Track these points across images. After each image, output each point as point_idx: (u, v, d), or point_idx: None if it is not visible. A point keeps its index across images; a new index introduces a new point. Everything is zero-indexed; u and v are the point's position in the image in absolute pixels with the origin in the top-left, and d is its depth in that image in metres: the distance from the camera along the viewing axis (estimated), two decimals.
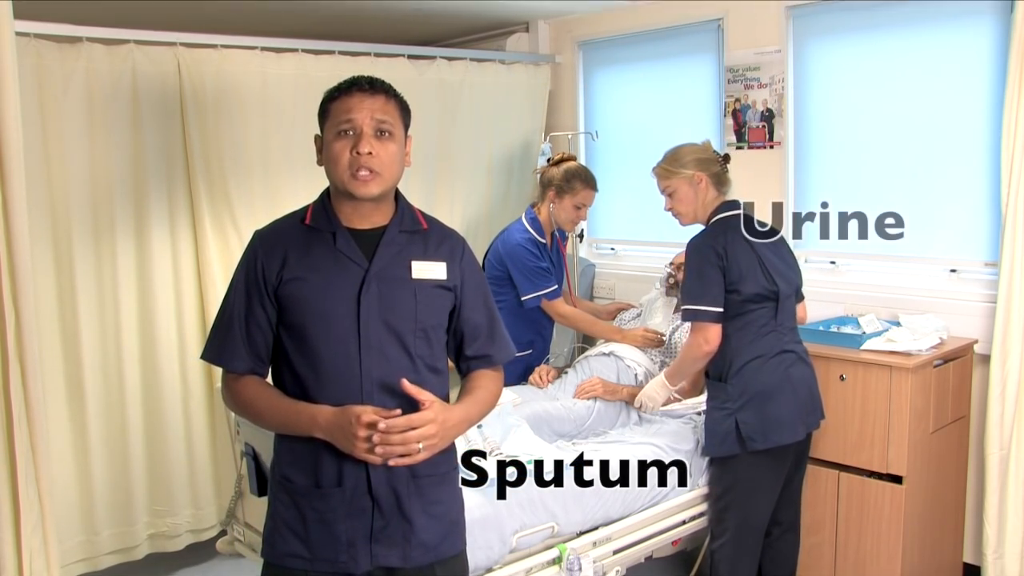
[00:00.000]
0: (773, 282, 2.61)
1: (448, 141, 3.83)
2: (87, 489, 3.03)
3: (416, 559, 1.74)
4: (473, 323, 1.85)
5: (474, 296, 1.85)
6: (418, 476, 1.74)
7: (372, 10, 3.78)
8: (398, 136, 1.75)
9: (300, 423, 1.68)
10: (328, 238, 1.74)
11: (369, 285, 1.71)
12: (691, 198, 2.70)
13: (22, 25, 2.54)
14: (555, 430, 2.95)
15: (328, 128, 1.74)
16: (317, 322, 1.70)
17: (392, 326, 1.72)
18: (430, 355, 1.77)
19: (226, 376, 1.78)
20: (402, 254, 1.77)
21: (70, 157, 2.90)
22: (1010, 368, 2.79)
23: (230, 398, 1.78)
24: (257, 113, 3.24)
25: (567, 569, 2.43)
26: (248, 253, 1.78)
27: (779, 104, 3.43)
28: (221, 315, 1.78)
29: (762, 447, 2.57)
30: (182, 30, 3.06)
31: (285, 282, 1.72)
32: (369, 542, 1.71)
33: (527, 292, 3.28)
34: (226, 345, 1.75)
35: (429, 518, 1.76)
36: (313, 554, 1.72)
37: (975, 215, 3.02)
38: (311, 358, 1.71)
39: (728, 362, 2.62)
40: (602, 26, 4.06)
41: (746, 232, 2.64)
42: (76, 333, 2.97)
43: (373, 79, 1.76)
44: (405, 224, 1.80)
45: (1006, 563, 2.83)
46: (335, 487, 1.70)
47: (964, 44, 2.99)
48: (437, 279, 1.78)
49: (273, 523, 1.77)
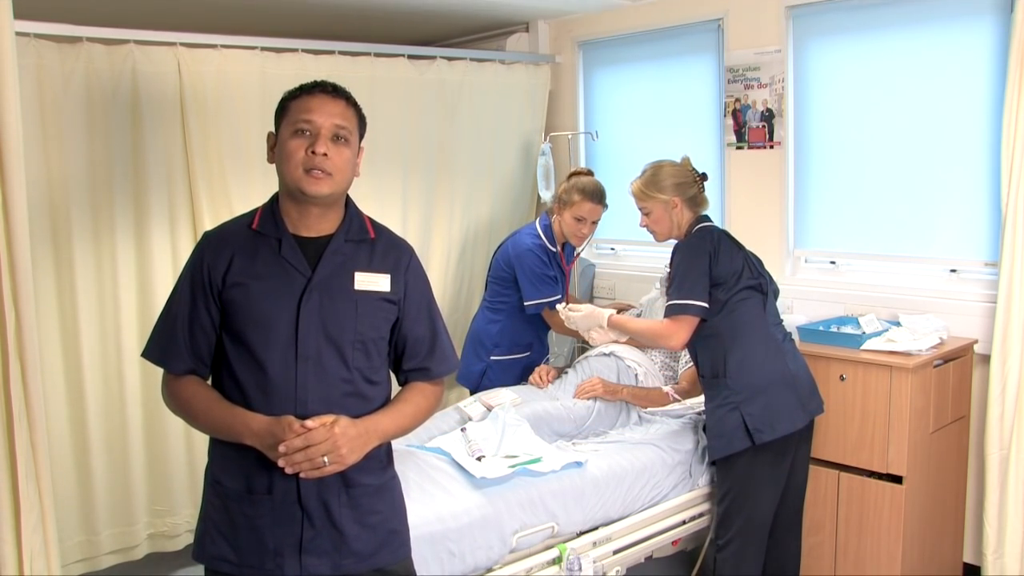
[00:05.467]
0: (760, 275, 2.68)
1: (448, 141, 3.83)
2: (87, 489, 3.03)
3: (347, 568, 1.74)
4: (414, 336, 1.83)
5: (417, 309, 1.84)
6: (352, 487, 1.74)
7: (372, 10, 3.78)
8: (353, 144, 1.76)
9: (233, 429, 1.68)
10: (274, 244, 1.74)
11: (310, 294, 1.71)
12: (666, 220, 2.75)
13: (22, 25, 2.54)
14: (555, 430, 2.95)
15: (285, 126, 1.74)
16: (256, 329, 1.70)
17: (331, 337, 1.72)
18: (368, 367, 1.77)
19: (166, 376, 1.78)
20: (347, 264, 1.76)
21: (70, 157, 2.90)
22: (1010, 368, 2.79)
23: (168, 397, 1.77)
24: (257, 113, 3.24)
25: (567, 569, 2.43)
26: (195, 254, 1.78)
27: (779, 104, 3.43)
28: (165, 315, 1.78)
29: (770, 438, 2.56)
30: (182, 30, 3.06)
31: (229, 286, 1.72)
32: (298, 551, 1.71)
33: (531, 298, 3.28)
34: (169, 346, 1.75)
35: (363, 528, 1.76)
36: (241, 559, 1.72)
37: (975, 215, 3.02)
38: (250, 364, 1.71)
39: (724, 358, 2.62)
40: (602, 26, 4.06)
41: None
42: (76, 333, 2.97)
43: (336, 85, 1.77)
44: (352, 233, 1.79)
45: (1006, 563, 2.83)
46: (265, 494, 1.71)
47: (964, 44, 2.99)
48: (380, 291, 1.77)
49: (204, 525, 1.77)
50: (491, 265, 3.47)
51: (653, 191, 2.73)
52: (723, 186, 3.66)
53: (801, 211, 3.49)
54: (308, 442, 1.62)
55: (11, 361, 2.24)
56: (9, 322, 2.23)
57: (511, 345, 3.43)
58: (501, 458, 2.57)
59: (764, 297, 2.67)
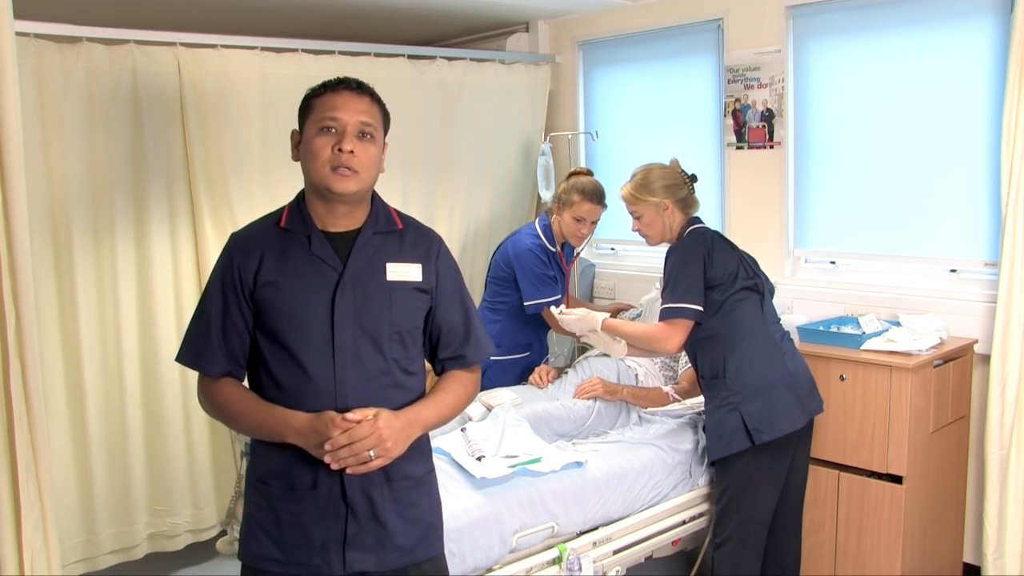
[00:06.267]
0: (756, 275, 2.68)
1: (448, 141, 3.83)
2: (87, 489, 3.03)
3: (391, 563, 1.75)
4: (449, 324, 1.84)
5: (450, 297, 1.84)
6: (393, 480, 1.74)
7: (372, 10, 3.78)
8: (378, 141, 1.76)
9: (275, 429, 1.68)
10: (303, 241, 1.74)
11: (344, 289, 1.71)
12: (658, 223, 2.74)
13: (22, 25, 2.55)
14: (555, 430, 2.95)
15: (310, 123, 1.73)
16: (292, 326, 1.70)
17: (367, 329, 1.72)
18: (405, 357, 1.77)
19: (202, 379, 1.78)
20: (377, 256, 1.76)
21: (70, 157, 2.91)
22: (1010, 368, 2.79)
23: (205, 401, 1.78)
24: (257, 113, 3.25)
25: (567, 569, 2.43)
26: (224, 256, 1.78)
27: (779, 104, 3.43)
28: (197, 318, 1.78)
29: (770, 438, 2.56)
30: (182, 30, 3.07)
31: (261, 286, 1.72)
32: (343, 547, 1.71)
33: (531, 298, 3.28)
34: (203, 349, 1.74)
35: (404, 521, 1.76)
36: (287, 557, 1.72)
37: (975, 215, 3.02)
38: (287, 362, 1.71)
39: (723, 359, 2.62)
40: (602, 26, 4.06)
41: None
42: (76, 333, 2.97)
43: (360, 81, 1.76)
44: (380, 225, 1.80)
45: (1006, 563, 2.83)
46: (310, 490, 1.71)
47: (964, 44, 2.99)
48: (412, 281, 1.78)
49: (248, 526, 1.77)
50: (490, 265, 3.47)
51: (644, 194, 2.72)
52: (723, 186, 3.66)
53: (801, 211, 3.49)
54: (352, 438, 1.62)
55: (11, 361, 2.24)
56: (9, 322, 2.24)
57: (511, 345, 3.43)
58: (501, 458, 2.57)
59: (761, 297, 2.67)
